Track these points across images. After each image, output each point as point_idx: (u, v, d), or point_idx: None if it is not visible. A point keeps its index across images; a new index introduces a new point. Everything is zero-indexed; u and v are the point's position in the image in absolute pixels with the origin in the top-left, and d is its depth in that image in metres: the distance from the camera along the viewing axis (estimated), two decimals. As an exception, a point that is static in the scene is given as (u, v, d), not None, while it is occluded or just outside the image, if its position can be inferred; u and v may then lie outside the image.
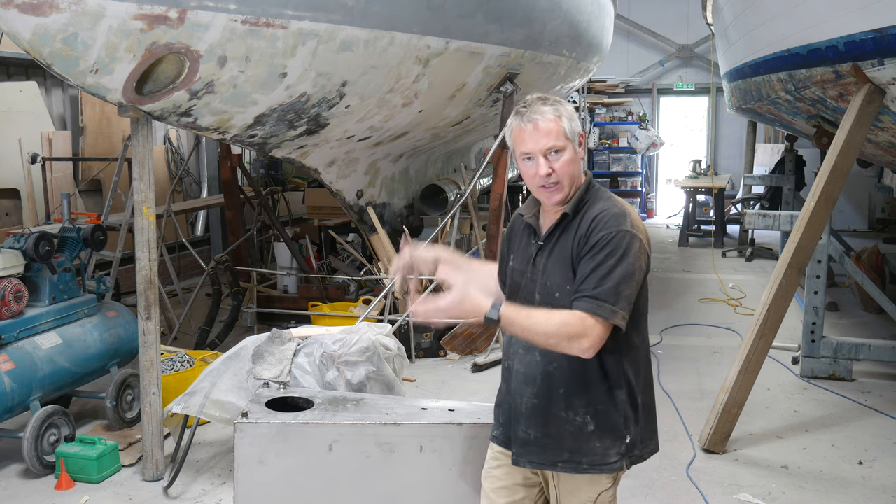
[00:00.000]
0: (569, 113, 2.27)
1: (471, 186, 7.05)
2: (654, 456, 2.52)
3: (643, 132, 14.78)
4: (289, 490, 2.95)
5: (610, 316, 2.13)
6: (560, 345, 2.13)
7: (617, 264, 2.16)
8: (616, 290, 2.14)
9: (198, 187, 11.09)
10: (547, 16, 7.32)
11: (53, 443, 4.56)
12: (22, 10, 3.38)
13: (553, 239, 2.31)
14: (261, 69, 4.50)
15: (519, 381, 2.34)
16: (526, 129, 2.24)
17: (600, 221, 2.21)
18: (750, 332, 4.78)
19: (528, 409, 2.32)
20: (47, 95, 8.60)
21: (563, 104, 2.28)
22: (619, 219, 2.21)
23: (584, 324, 2.11)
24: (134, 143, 4.23)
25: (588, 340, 2.12)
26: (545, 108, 2.24)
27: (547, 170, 2.24)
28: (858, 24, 4.36)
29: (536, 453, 2.32)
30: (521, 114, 2.26)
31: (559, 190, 2.26)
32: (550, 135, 2.23)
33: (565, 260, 2.26)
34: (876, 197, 12.77)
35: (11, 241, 4.70)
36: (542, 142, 2.23)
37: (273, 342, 4.24)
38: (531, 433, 2.32)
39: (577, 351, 2.13)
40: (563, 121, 2.24)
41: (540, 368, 2.30)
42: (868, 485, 4.33)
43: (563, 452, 2.30)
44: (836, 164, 4.69)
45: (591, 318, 2.12)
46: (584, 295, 2.15)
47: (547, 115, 2.23)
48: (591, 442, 2.29)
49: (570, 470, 2.30)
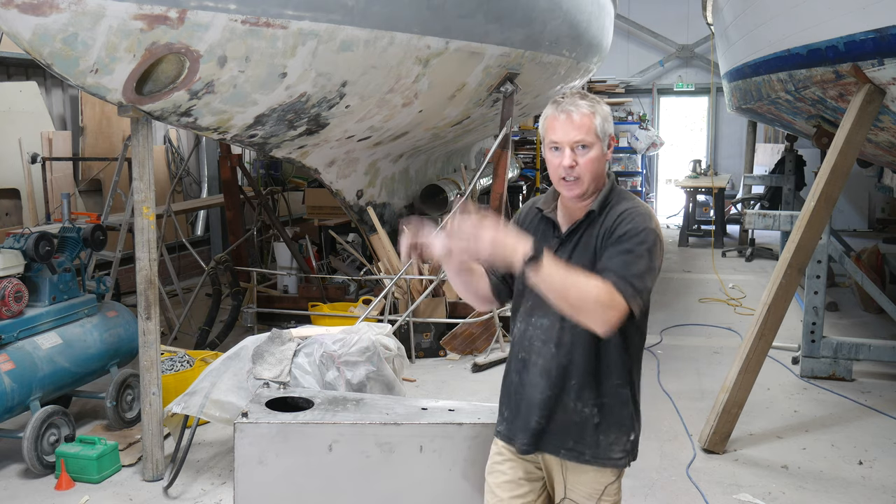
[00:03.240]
0: (604, 113, 2.30)
1: (471, 186, 7.06)
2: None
3: (643, 132, 14.79)
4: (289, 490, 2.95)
5: (632, 298, 2.12)
6: (586, 308, 2.07)
7: (643, 255, 2.18)
8: (641, 277, 2.16)
9: (198, 187, 11.09)
10: (547, 16, 7.32)
11: (53, 443, 4.56)
12: (22, 10, 3.38)
13: (577, 235, 2.33)
14: (261, 69, 4.50)
15: (535, 373, 2.35)
16: (559, 118, 2.26)
17: (628, 216, 2.24)
18: (750, 332, 4.78)
19: (542, 400, 2.34)
20: (47, 95, 8.60)
21: (600, 103, 2.30)
22: (645, 218, 2.25)
23: (613, 298, 2.10)
24: (134, 143, 4.23)
25: (615, 313, 2.09)
26: (582, 101, 2.27)
27: (571, 162, 2.25)
28: (858, 24, 4.36)
29: (547, 441, 2.36)
30: (557, 103, 2.29)
31: (578, 185, 2.28)
32: (581, 129, 2.25)
33: (589, 257, 2.28)
34: (876, 197, 12.77)
35: (11, 241, 4.70)
36: (572, 134, 2.25)
37: (273, 342, 4.24)
38: (543, 423, 2.35)
39: (600, 321, 2.08)
40: (597, 118, 2.27)
41: (556, 361, 2.32)
42: (868, 485, 4.33)
43: (568, 440, 2.33)
44: (836, 164, 4.69)
45: (619, 295, 2.10)
46: (613, 272, 2.15)
47: (582, 109, 2.26)
48: (595, 434, 2.32)
49: (573, 458, 2.33)
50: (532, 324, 2.37)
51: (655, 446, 4.75)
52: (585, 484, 2.37)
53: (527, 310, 2.40)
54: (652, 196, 16.08)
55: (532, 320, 2.37)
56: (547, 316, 2.32)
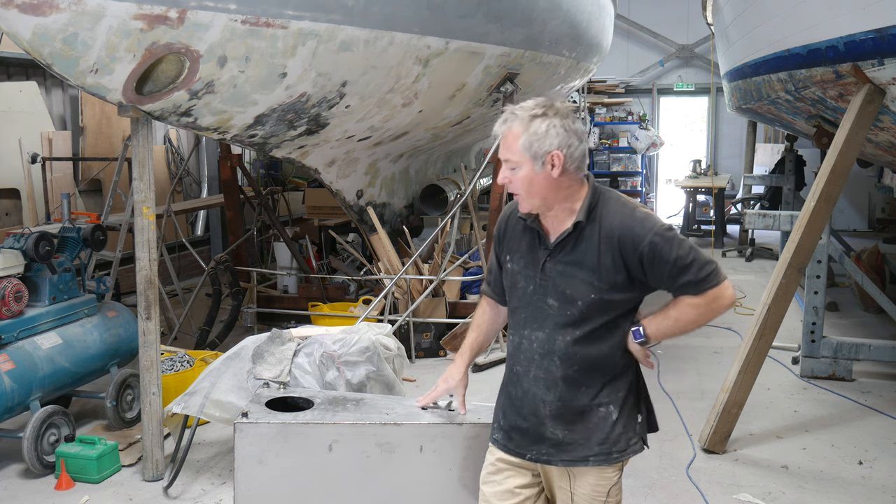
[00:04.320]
0: (538, 131, 2.21)
1: (471, 186, 7.05)
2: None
3: (643, 132, 14.78)
4: (289, 490, 2.95)
5: (718, 279, 2.25)
6: (713, 318, 2.30)
7: (688, 251, 2.24)
8: (702, 264, 2.24)
9: (198, 187, 11.09)
10: (547, 16, 7.32)
11: (53, 443, 4.56)
12: (22, 10, 3.37)
13: (566, 247, 2.30)
14: (261, 69, 4.50)
15: (540, 387, 2.35)
16: (500, 133, 2.29)
17: (633, 229, 2.25)
18: (750, 332, 4.78)
19: (552, 411, 2.34)
20: (47, 95, 8.60)
21: (538, 119, 2.22)
22: (645, 220, 2.27)
23: (718, 296, 2.25)
24: (134, 143, 4.23)
25: (727, 299, 2.26)
26: (517, 118, 2.25)
27: (502, 179, 2.30)
28: (858, 24, 4.36)
29: (568, 451, 2.34)
30: (503, 118, 2.31)
31: (523, 202, 2.31)
32: (508, 149, 2.26)
33: (590, 269, 2.26)
34: (876, 197, 12.78)
35: (11, 241, 4.69)
36: (503, 152, 2.28)
37: (273, 342, 4.23)
38: (558, 433, 2.34)
39: (725, 311, 2.30)
40: (523, 138, 2.22)
41: (560, 373, 2.31)
42: (868, 485, 4.33)
43: (593, 447, 2.33)
44: (836, 164, 4.69)
45: (714, 290, 2.24)
46: (693, 284, 2.24)
47: (513, 128, 2.25)
48: (615, 429, 2.33)
49: (602, 462, 2.34)
50: (526, 337, 2.37)
51: (655, 446, 4.74)
52: (590, 486, 2.36)
53: (519, 322, 2.40)
54: (652, 196, 16.08)
55: (525, 333, 2.37)
56: (542, 329, 2.33)
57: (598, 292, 2.25)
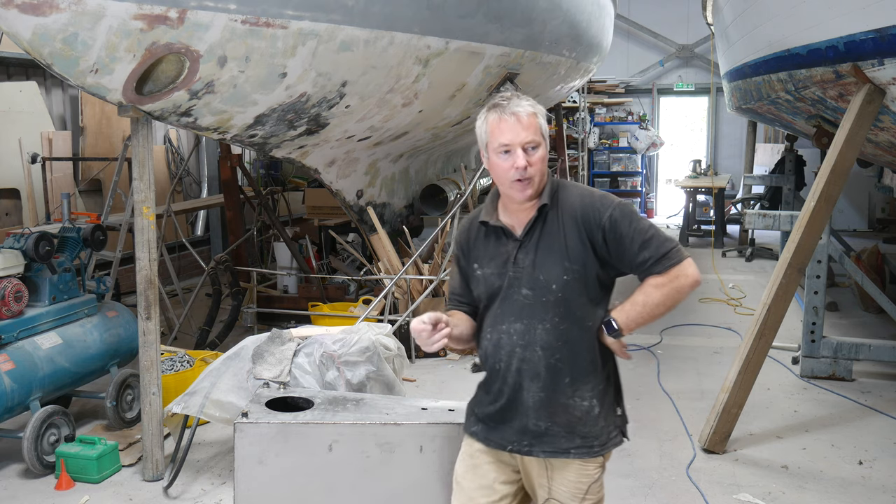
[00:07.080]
0: (543, 112, 2.37)
1: (471, 186, 7.06)
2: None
3: (643, 132, 14.79)
4: (289, 490, 2.95)
5: (680, 255, 2.29)
6: (684, 298, 2.31)
7: (643, 226, 2.30)
8: (661, 238, 2.30)
9: (198, 187, 11.09)
10: (547, 16, 7.32)
11: (53, 443, 4.56)
12: (22, 10, 3.38)
13: (534, 234, 2.36)
14: (261, 69, 4.50)
15: (524, 378, 2.35)
16: (507, 121, 2.29)
17: (593, 205, 2.33)
18: (750, 332, 4.78)
19: (535, 402, 2.34)
20: (47, 95, 8.60)
21: (537, 104, 2.36)
22: (604, 198, 2.36)
23: (680, 272, 2.28)
24: (134, 143, 4.23)
25: (692, 276, 2.29)
26: (524, 103, 2.32)
27: (525, 162, 2.28)
28: (858, 24, 4.36)
29: (549, 442, 2.35)
30: (500, 106, 2.32)
31: (531, 185, 2.32)
32: (530, 129, 2.29)
33: (559, 251, 2.32)
34: (876, 197, 12.78)
35: (11, 241, 4.70)
36: (523, 135, 2.29)
37: (273, 342, 4.24)
38: (542, 424, 2.35)
39: (691, 289, 2.31)
40: (540, 118, 2.33)
41: (543, 363, 2.33)
42: (868, 485, 4.33)
43: (575, 438, 2.34)
44: (836, 164, 4.69)
45: (677, 267, 2.27)
46: (655, 259, 2.27)
47: (528, 110, 2.31)
48: (598, 423, 2.35)
49: (584, 455, 2.35)
50: (505, 332, 2.37)
51: (655, 446, 4.75)
52: (570, 482, 2.37)
53: (497, 318, 2.39)
54: (652, 196, 16.07)
55: (504, 328, 2.37)
56: (520, 320, 2.34)
57: (570, 273, 2.30)
